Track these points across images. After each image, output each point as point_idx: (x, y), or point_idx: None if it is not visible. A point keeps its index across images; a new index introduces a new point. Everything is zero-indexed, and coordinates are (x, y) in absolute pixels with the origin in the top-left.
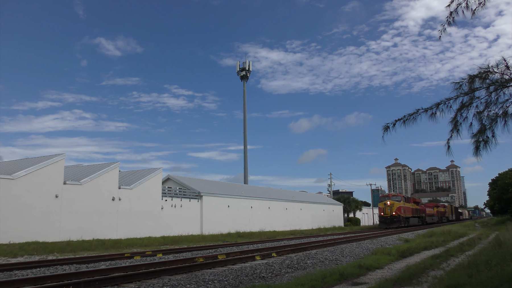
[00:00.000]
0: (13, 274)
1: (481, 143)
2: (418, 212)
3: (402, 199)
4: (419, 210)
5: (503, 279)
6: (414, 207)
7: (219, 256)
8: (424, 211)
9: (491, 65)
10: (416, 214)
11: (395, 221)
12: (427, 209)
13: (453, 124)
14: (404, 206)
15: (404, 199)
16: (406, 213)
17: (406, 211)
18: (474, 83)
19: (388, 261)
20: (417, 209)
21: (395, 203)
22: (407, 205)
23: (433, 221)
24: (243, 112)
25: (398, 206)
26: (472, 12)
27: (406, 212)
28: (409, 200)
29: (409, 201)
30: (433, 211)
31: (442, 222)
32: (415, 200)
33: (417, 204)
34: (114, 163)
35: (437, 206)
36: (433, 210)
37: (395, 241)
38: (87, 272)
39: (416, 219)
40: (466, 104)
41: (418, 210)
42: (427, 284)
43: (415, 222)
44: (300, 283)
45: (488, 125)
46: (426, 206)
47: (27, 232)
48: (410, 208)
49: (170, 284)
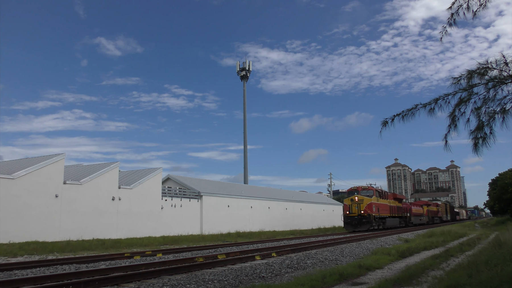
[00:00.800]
0: (13, 274)
1: (479, 139)
2: (400, 211)
3: (375, 194)
4: (402, 209)
5: (503, 279)
6: (393, 204)
7: (219, 256)
8: (408, 210)
9: (490, 61)
10: (396, 213)
11: (364, 222)
12: (413, 207)
13: (451, 119)
14: (378, 203)
15: (378, 194)
16: (381, 212)
17: (381, 210)
18: (472, 79)
19: (388, 261)
20: (399, 208)
21: (365, 199)
22: (383, 202)
23: (422, 222)
24: (243, 112)
25: (369, 203)
26: (473, 13)
27: (381, 211)
28: (385, 196)
29: (386, 197)
30: (422, 211)
31: (434, 223)
32: (396, 196)
33: (399, 201)
34: (114, 163)
35: (427, 204)
36: (422, 209)
37: (395, 241)
38: (87, 272)
39: (397, 220)
40: (465, 99)
41: (400, 208)
42: (427, 284)
43: (395, 224)
44: (300, 283)
45: (486, 121)
46: (412, 204)
47: (27, 232)
48: (387, 206)
49: (170, 284)
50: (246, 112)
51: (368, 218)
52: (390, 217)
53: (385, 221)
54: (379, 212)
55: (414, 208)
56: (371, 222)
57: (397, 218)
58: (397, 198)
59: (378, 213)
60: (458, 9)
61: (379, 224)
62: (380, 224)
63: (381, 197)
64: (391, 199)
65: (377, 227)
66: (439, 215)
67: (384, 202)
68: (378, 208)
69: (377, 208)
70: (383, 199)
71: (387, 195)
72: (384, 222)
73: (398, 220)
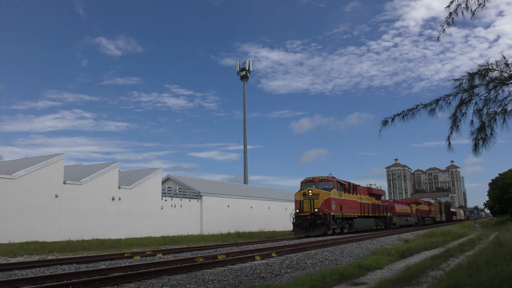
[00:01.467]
0: (13, 274)
1: (479, 140)
2: (377, 209)
3: (335, 187)
4: (379, 207)
5: (503, 279)
6: (366, 201)
7: (218, 256)
8: (389, 208)
9: (491, 63)
10: (371, 212)
11: (319, 224)
12: (397, 206)
13: (453, 120)
14: (341, 198)
15: (340, 186)
16: (346, 210)
17: (346, 207)
18: (473, 81)
19: (388, 261)
20: (375, 205)
21: (322, 193)
22: (349, 197)
23: (409, 222)
24: (243, 112)
25: (326, 198)
26: (471, 13)
27: (345, 209)
28: (354, 190)
29: (356, 191)
30: (409, 210)
31: (425, 224)
32: (371, 191)
33: (377, 197)
34: (114, 163)
35: (417, 203)
36: (409, 209)
37: (395, 241)
38: (87, 272)
39: (371, 221)
40: (466, 100)
41: (377, 206)
42: (427, 284)
43: (369, 225)
44: (300, 283)
45: (487, 122)
46: (396, 202)
47: (27, 231)
48: (355, 203)
49: (169, 284)
50: (246, 112)
51: (324, 219)
52: (362, 217)
53: (352, 222)
54: (342, 210)
55: (398, 206)
56: (329, 223)
57: (371, 219)
58: (373, 194)
59: (341, 211)
60: (456, 9)
61: (343, 226)
62: (344, 227)
63: (347, 191)
64: (364, 194)
65: (340, 230)
66: (432, 215)
67: (351, 198)
68: (341, 205)
69: (338, 205)
70: (350, 193)
71: (357, 189)
72: (351, 224)
73: (373, 221)
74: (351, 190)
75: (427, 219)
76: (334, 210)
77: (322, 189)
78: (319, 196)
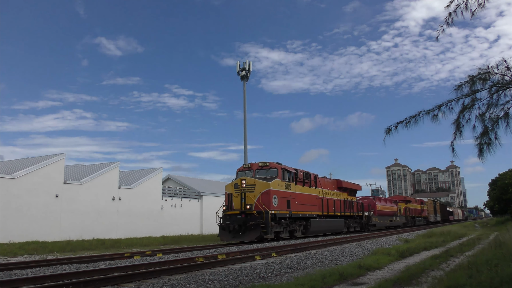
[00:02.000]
0: (13, 274)
1: (484, 145)
2: (349, 207)
3: (280, 175)
4: (352, 205)
5: (503, 279)
6: (332, 197)
7: (219, 256)
8: (368, 207)
9: (491, 66)
10: (340, 210)
11: (253, 227)
12: (378, 203)
13: (456, 126)
14: (289, 192)
15: (288, 176)
16: (297, 208)
17: (299, 204)
18: (474, 84)
19: (388, 261)
20: (346, 202)
21: (259, 184)
22: (303, 190)
23: (395, 223)
24: (243, 112)
25: (265, 191)
26: (471, 13)
27: (296, 206)
28: (312, 182)
29: (315, 184)
30: (395, 209)
31: (416, 225)
32: (342, 184)
33: (350, 192)
34: (114, 163)
35: (406, 201)
36: (395, 207)
37: (395, 241)
38: (87, 272)
39: (340, 221)
40: (468, 106)
41: (349, 203)
42: (427, 284)
43: (335, 227)
44: (300, 283)
45: (490, 127)
46: (378, 200)
47: (27, 231)
48: (313, 198)
49: (170, 284)
50: (246, 112)
51: (259, 219)
52: (325, 216)
53: (308, 223)
54: (290, 208)
55: (381, 204)
56: (267, 225)
57: (340, 219)
58: (344, 188)
59: (289, 208)
60: (456, 9)
61: (294, 229)
62: (295, 229)
63: (300, 182)
64: (329, 188)
65: (286, 234)
66: (424, 215)
67: (306, 192)
68: (288, 200)
69: (284, 200)
70: (306, 186)
71: (318, 181)
72: (306, 225)
73: (342, 222)
74: (308, 182)
75: (419, 219)
76: (277, 206)
77: (260, 179)
78: (254, 187)
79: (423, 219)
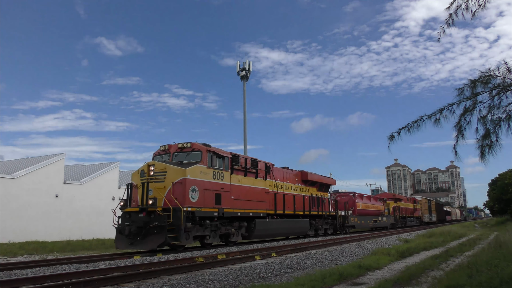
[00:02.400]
0: (13, 274)
1: (485, 147)
2: (316, 204)
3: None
4: (322, 202)
5: (503, 279)
6: (293, 192)
7: (218, 256)
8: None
9: (492, 69)
10: (305, 208)
11: (157, 230)
12: (359, 201)
13: (457, 129)
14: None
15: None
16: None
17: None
18: (476, 88)
19: (388, 262)
20: (312, 199)
21: (172, 170)
22: (244, 181)
23: (380, 225)
24: (243, 112)
25: (179, 180)
26: (472, 14)
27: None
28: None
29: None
30: (381, 207)
31: (407, 226)
32: (307, 177)
33: (320, 187)
34: (114, 163)
35: (395, 199)
36: (381, 206)
37: (395, 241)
38: (87, 272)
39: (302, 222)
40: (469, 108)
41: (317, 200)
42: (427, 284)
43: (295, 229)
44: (299, 283)
45: (492, 129)
46: (360, 197)
47: (27, 231)
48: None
49: (169, 284)
50: (246, 112)
51: (164, 218)
52: (280, 216)
53: (253, 224)
54: (221, 204)
55: (363, 202)
56: (179, 227)
57: (303, 219)
58: (311, 182)
59: (219, 205)
60: (457, 10)
61: (230, 232)
62: (231, 232)
63: (241, 171)
64: (292, 181)
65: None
66: (417, 215)
67: (249, 184)
68: (218, 194)
69: (212, 194)
70: (250, 176)
71: (271, 172)
72: (250, 227)
73: (307, 223)
74: (254, 172)
75: (410, 219)
76: (197, 202)
77: (175, 165)
78: (165, 176)
79: (416, 220)
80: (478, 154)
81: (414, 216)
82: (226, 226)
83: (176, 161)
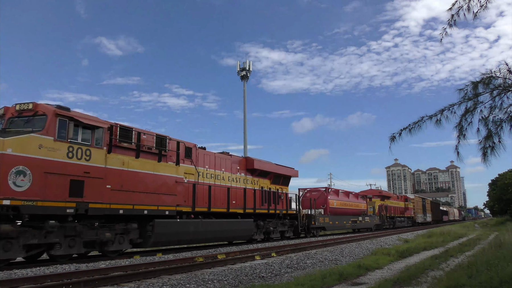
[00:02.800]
0: (13, 273)
1: (488, 149)
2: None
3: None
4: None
5: (503, 279)
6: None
7: (218, 256)
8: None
9: (494, 70)
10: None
11: None
12: (332, 198)
13: (459, 129)
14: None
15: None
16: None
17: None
18: (477, 89)
19: (388, 262)
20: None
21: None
22: (126, 164)
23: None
24: (243, 112)
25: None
26: (473, 15)
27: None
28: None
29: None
30: (363, 206)
31: (396, 227)
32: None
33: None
34: None
35: (383, 196)
36: (363, 204)
37: (394, 242)
38: (87, 271)
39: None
40: (470, 109)
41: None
42: (427, 284)
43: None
44: (299, 283)
45: (494, 130)
46: (334, 193)
47: None
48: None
49: (169, 284)
50: (246, 112)
51: None
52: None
53: (151, 225)
54: (84, 197)
55: (337, 199)
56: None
57: (246, 219)
58: (260, 172)
59: (80, 198)
60: (458, 10)
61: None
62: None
63: (132, 150)
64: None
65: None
66: (408, 215)
67: (145, 170)
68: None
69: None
70: (151, 159)
71: (194, 155)
72: (146, 230)
73: (251, 224)
74: (157, 153)
75: (400, 219)
76: (28, 191)
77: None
78: None
79: (407, 220)
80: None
81: (405, 216)
82: (98, 230)
83: (14, 129)
